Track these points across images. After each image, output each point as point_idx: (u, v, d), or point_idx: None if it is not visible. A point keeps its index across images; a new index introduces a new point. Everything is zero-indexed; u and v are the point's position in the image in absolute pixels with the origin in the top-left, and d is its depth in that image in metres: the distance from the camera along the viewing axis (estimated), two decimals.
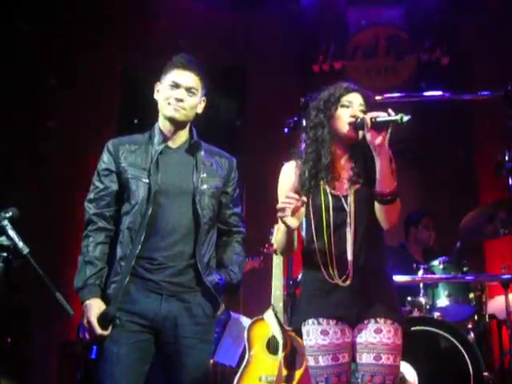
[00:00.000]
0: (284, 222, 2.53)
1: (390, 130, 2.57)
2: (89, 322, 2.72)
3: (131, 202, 2.84)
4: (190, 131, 3.02)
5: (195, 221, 2.86)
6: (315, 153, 2.72)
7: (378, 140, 2.57)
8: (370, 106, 2.72)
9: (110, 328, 2.74)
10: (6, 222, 2.38)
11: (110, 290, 2.78)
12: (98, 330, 2.72)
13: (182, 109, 2.91)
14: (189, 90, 2.92)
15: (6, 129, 6.45)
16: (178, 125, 2.96)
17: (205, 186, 2.91)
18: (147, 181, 2.84)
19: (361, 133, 2.67)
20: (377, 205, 2.65)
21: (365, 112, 2.70)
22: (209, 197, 2.91)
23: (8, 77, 6.51)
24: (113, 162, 2.91)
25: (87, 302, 2.76)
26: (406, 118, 2.54)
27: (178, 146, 2.98)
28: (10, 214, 2.42)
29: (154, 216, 2.82)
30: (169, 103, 2.90)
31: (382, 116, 2.58)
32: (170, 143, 2.96)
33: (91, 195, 2.92)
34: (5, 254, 2.34)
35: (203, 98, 3.01)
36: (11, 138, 6.46)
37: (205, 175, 2.93)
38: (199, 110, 3.01)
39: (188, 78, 2.93)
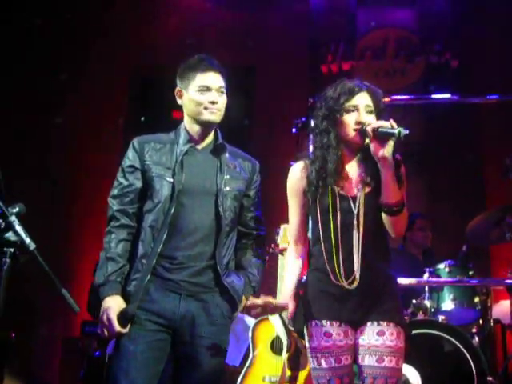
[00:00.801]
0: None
1: (392, 143, 2.53)
2: (108, 319, 2.73)
3: (154, 201, 2.85)
4: (216, 133, 3.03)
5: (217, 222, 2.87)
6: (322, 158, 2.70)
7: (381, 153, 2.55)
8: (377, 105, 2.69)
9: (128, 326, 2.75)
10: (13, 218, 2.38)
11: (131, 288, 2.79)
12: (117, 327, 2.72)
13: (218, 110, 2.92)
14: (219, 90, 2.93)
15: (16, 125, 6.46)
16: (211, 127, 2.97)
17: (228, 188, 2.91)
18: (171, 180, 2.85)
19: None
20: (385, 217, 2.64)
21: (372, 112, 2.68)
22: (231, 199, 2.91)
23: (19, 74, 6.53)
24: (138, 159, 2.91)
25: (108, 298, 2.76)
26: (403, 133, 2.50)
27: (203, 147, 2.98)
28: (17, 209, 2.42)
29: (176, 215, 2.82)
30: (205, 108, 2.89)
31: (384, 127, 2.54)
32: (195, 144, 2.96)
33: (115, 191, 2.92)
34: (12, 250, 2.34)
35: None
36: (19, 133, 6.48)
37: (228, 177, 2.93)
38: None
39: (216, 79, 2.93)
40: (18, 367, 5.47)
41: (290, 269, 2.85)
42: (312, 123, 2.87)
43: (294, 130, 4.43)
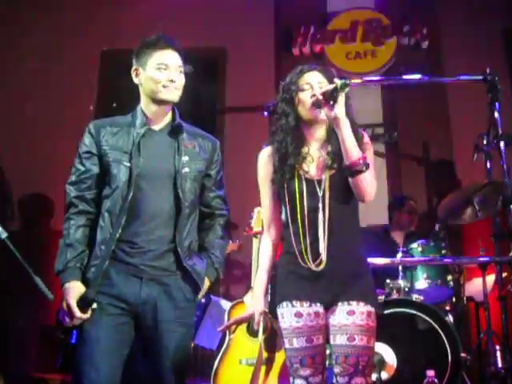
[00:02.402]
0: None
1: (342, 100, 2.58)
2: (68, 305, 2.71)
3: (112, 186, 2.81)
4: (173, 113, 3.00)
5: (176, 205, 2.84)
6: (284, 141, 2.74)
7: (333, 113, 2.60)
8: (330, 81, 2.71)
9: (90, 311, 2.73)
10: None
11: (90, 274, 2.76)
12: (78, 313, 2.70)
13: (176, 89, 2.89)
14: (177, 69, 2.90)
15: None
16: (167, 106, 2.93)
17: (186, 170, 2.88)
18: (128, 164, 2.81)
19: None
20: (351, 181, 2.64)
21: None
22: (191, 180, 2.89)
23: None
24: (94, 144, 2.88)
25: (67, 284, 2.74)
26: (342, 82, 2.56)
27: (160, 128, 2.95)
28: None
29: (134, 200, 2.79)
30: (163, 86, 2.86)
31: (329, 88, 2.61)
32: (152, 125, 2.93)
33: (72, 178, 2.89)
34: None
35: None
36: None
37: (187, 158, 2.90)
38: None
39: (175, 57, 2.91)
40: None
41: (261, 263, 2.87)
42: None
43: (265, 113, 4.44)
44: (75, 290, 2.73)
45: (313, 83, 2.72)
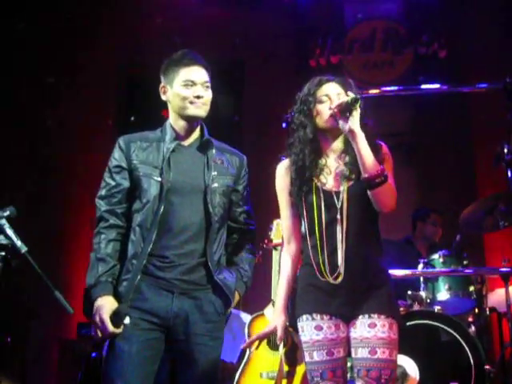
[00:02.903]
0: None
1: (356, 114, 2.57)
2: (101, 320, 2.70)
3: (143, 200, 2.82)
4: (202, 129, 3.01)
5: (206, 219, 2.85)
6: (301, 153, 2.73)
7: (347, 126, 2.59)
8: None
9: (122, 326, 2.73)
10: (3, 221, 2.38)
11: (122, 288, 2.77)
12: (110, 328, 2.70)
13: (203, 105, 2.90)
14: (204, 84, 2.91)
15: (5, 128, 6.43)
16: (196, 122, 2.95)
17: (216, 185, 2.89)
18: (159, 179, 2.83)
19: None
20: (370, 194, 2.62)
21: None
22: (220, 195, 2.90)
23: (7, 76, 6.50)
24: (124, 158, 2.89)
25: (99, 299, 2.74)
26: (352, 97, 2.56)
27: (189, 143, 2.96)
28: (8, 213, 2.42)
29: (165, 214, 2.80)
30: (191, 102, 2.87)
31: (344, 101, 2.60)
32: (181, 141, 2.95)
33: (102, 192, 2.90)
34: (3, 253, 2.34)
35: None
36: (9, 136, 6.45)
37: (216, 173, 2.91)
38: None
39: (201, 73, 2.92)
40: (14, 371, 5.45)
41: (282, 276, 2.86)
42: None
43: (284, 124, 4.43)
44: (108, 305, 2.73)
45: (331, 95, 2.71)
